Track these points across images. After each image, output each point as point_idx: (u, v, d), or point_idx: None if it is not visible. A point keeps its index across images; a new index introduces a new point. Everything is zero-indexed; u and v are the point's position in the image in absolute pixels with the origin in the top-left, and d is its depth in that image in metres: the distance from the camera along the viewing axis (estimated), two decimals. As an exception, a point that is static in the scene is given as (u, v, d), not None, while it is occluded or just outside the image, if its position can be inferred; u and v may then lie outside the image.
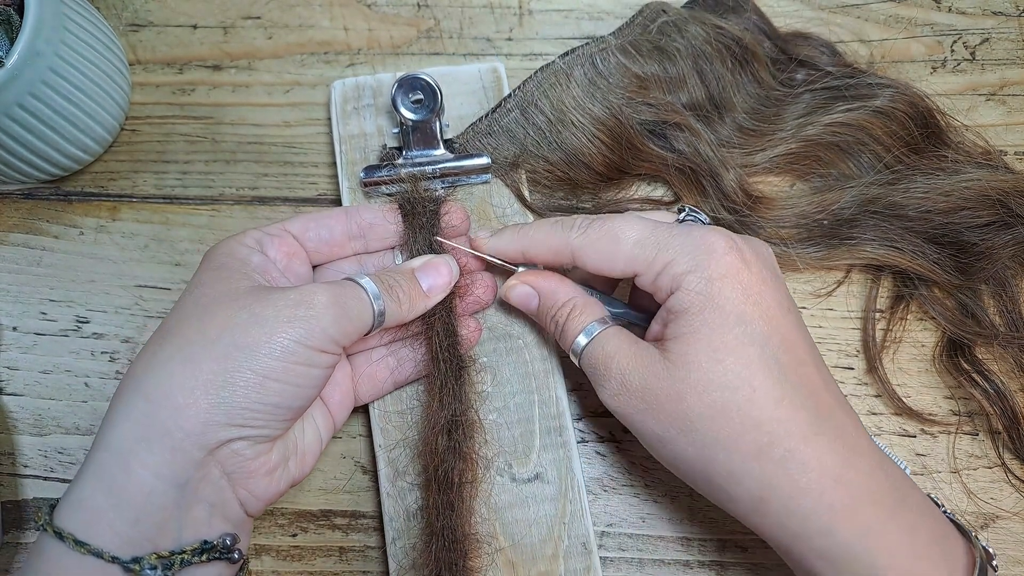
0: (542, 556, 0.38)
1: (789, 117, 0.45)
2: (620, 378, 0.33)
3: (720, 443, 0.31)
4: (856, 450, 0.31)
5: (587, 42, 0.44)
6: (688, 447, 0.32)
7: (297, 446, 0.35)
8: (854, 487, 0.30)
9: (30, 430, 0.42)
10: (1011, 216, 0.42)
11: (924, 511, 0.31)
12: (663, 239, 0.34)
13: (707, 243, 0.33)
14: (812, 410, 0.31)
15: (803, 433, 0.30)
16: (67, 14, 0.41)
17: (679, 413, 0.32)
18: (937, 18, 0.50)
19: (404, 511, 0.38)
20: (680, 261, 0.33)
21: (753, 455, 0.30)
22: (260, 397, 0.31)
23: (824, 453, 0.30)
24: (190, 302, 0.33)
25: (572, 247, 0.36)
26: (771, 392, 0.30)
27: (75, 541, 0.28)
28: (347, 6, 0.51)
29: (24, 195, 0.47)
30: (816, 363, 0.33)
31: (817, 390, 0.31)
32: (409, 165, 0.42)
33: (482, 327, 0.41)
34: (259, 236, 0.36)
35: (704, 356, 0.31)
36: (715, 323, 0.31)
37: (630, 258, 0.34)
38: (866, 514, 0.29)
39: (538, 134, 0.43)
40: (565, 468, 0.39)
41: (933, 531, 0.31)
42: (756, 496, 0.31)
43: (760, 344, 0.31)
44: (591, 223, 0.36)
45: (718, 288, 0.32)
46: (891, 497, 0.30)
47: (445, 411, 0.37)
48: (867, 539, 0.29)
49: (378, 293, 0.35)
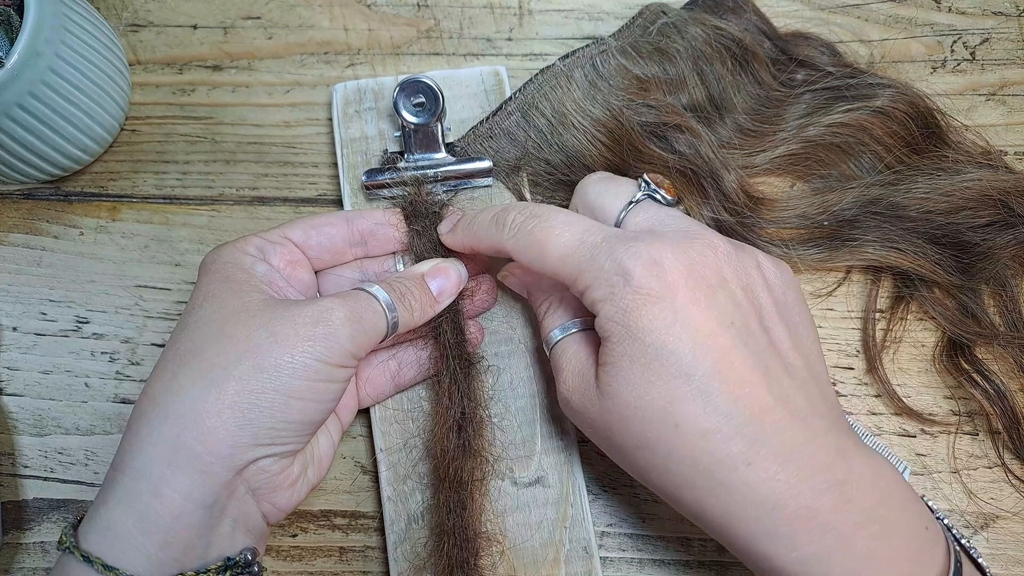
0: (543, 560, 0.38)
1: (790, 118, 0.45)
2: (564, 394, 0.34)
3: (652, 471, 0.31)
4: (807, 471, 0.29)
5: (587, 44, 0.44)
6: (624, 464, 0.33)
7: (314, 454, 0.35)
8: (794, 515, 0.28)
9: (30, 430, 0.42)
10: (1012, 216, 0.42)
11: (892, 531, 0.29)
12: (584, 259, 0.32)
13: (623, 269, 0.30)
14: (748, 436, 0.29)
15: (733, 464, 0.28)
16: (67, 14, 0.41)
17: (609, 441, 0.32)
18: (937, 18, 0.50)
19: (406, 515, 0.38)
20: (597, 288, 0.31)
21: (684, 484, 0.30)
22: (285, 416, 0.31)
23: (758, 483, 0.28)
24: (202, 319, 0.33)
25: (505, 248, 0.35)
26: (697, 426, 0.29)
27: (104, 566, 0.28)
28: (347, 6, 0.51)
29: (24, 195, 0.47)
30: (768, 375, 0.30)
31: (763, 409, 0.29)
32: (411, 169, 0.42)
33: (484, 330, 0.41)
34: (260, 243, 0.36)
35: (626, 389, 0.30)
36: (635, 355, 0.30)
37: (554, 272, 0.33)
38: (807, 541, 0.28)
39: (539, 136, 0.43)
40: (566, 472, 0.39)
41: (896, 554, 0.29)
42: (695, 516, 0.31)
43: (685, 375, 0.29)
44: (523, 222, 0.34)
45: (635, 318, 0.30)
46: (845, 521, 0.28)
47: (455, 408, 0.37)
48: (810, 566, 0.28)
49: (391, 303, 0.35)
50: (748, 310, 0.31)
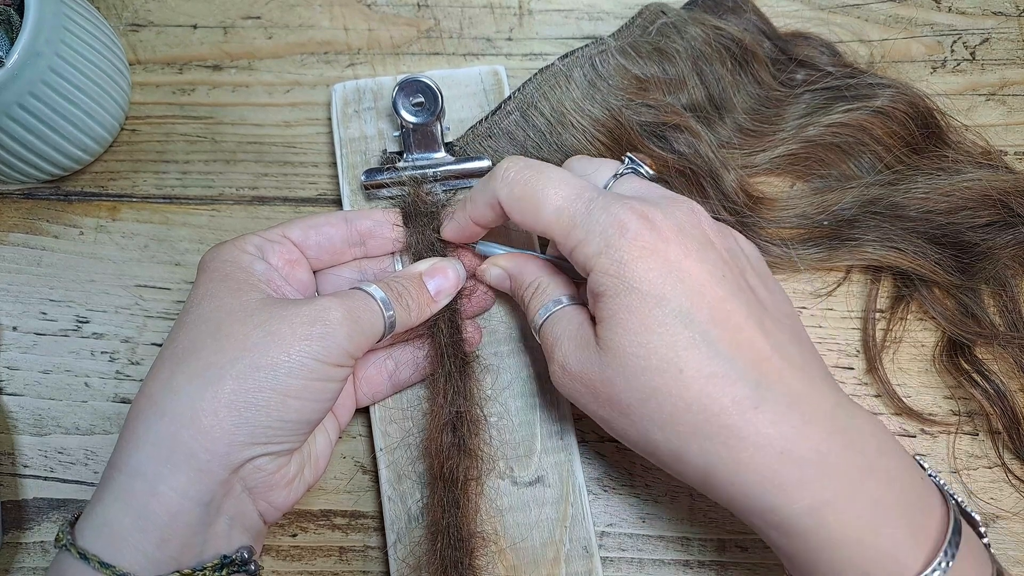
0: (543, 560, 0.38)
1: (789, 117, 0.45)
2: (561, 361, 0.33)
3: (656, 424, 0.30)
4: (810, 416, 0.29)
5: (587, 43, 0.44)
6: (629, 428, 0.31)
7: (311, 453, 0.36)
8: (802, 459, 0.28)
9: (30, 430, 0.42)
10: (1012, 216, 0.42)
11: (893, 479, 0.29)
12: (580, 213, 0.32)
13: (618, 222, 0.31)
14: (752, 380, 0.29)
15: (740, 408, 0.29)
16: (67, 14, 0.41)
17: (613, 397, 0.31)
18: (937, 18, 0.50)
19: (406, 514, 0.38)
20: (591, 241, 0.31)
21: (690, 434, 0.29)
22: (281, 415, 0.31)
23: (766, 426, 0.28)
24: (200, 317, 0.33)
25: (498, 196, 0.34)
26: (700, 370, 0.29)
27: (100, 563, 0.29)
28: (347, 6, 0.51)
29: (24, 195, 0.47)
30: (761, 326, 0.31)
31: (762, 356, 0.30)
32: (410, 168, 0.42)
33: (482, 330, 0.41)
34: (259, 242, 0.36)
35: (627, 340, 0.30)
36: (634, 306, 0.30)
37: (547, 224, 0.33)
38: (817, 488, 0.28)
39: (538, 136, 0.43)
40: (566, 471, 0.39)
41: (901, 500, 0.29)
42: (702, 472, 0.30)
43: (684, 321, 0.30)
44: (517, 173, 0.34)
45: (631, 270, 0.30)
46: (851, 466, 0.28)
47: (450, 407, 0.37)
48: (819, 513, 0.28)
49: (388, 302, 0.35)
50: (734, 268, 0.32)
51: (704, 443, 0.29)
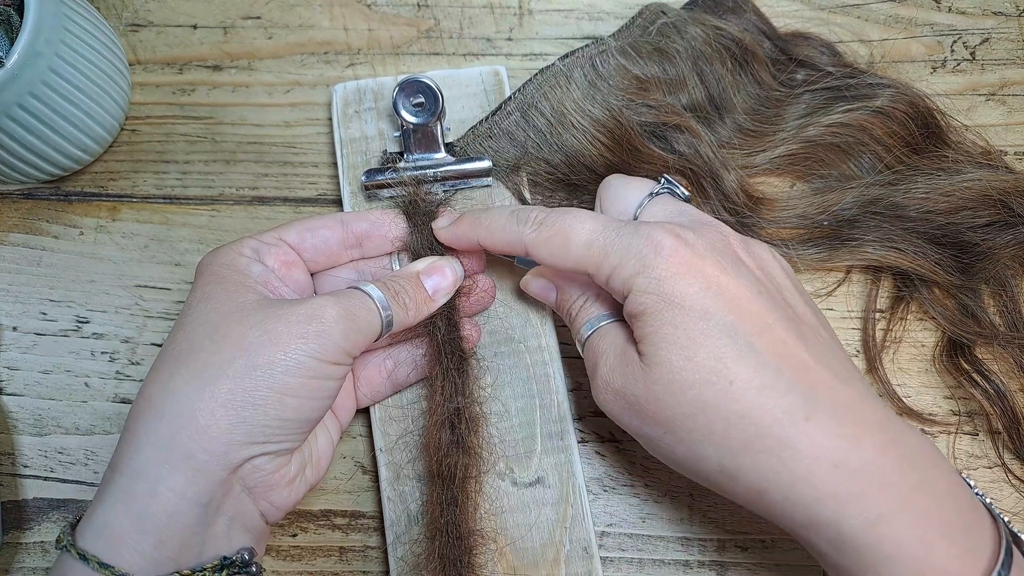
0: (543, 561, 0.38)
1: (789, 118, 0.45)
2: (604, 378, 0.33)
3: (706, 440, 0.30)
4: (862, 428, 0.29)
5: (587, 43, 0.44)
6: (677, 445, 0.31)
7: (312, 453, 0.36)
8: (858, 472, 0.28)
9: (30, 430, 0.42)
10: (1012, 216, 0.42)
11: (946, 494, 0.29)
12: (610, 241, 0.32)
13: (653, 242, 0.31)
14: (801, 392, 0.29)
15: (792, 419, 0.28)
16: (67, 14, 0.41)
17: (659, 414, 0.31)
18: (937, 18, 0.50)
19: (406, 515, 0.38)
20: (627, 264, 0.32)
21: (742, 448, 0.29)
22: (279, 413, 0.31)
23: (820, 437, 0.28)
24: (198, 319, 0.33)
25: (525, 243, 0.35)
26: (750, 381, 0.29)
27: (99, 564, 0.29)
28: (347, 6, 0.51)
29: (24, 195, 0.47)
30: (803, 339, 0.31)
31: (807, 368, 0.30)
32: (411, 169, 0.42)
33: (481, 329, 0.41)
34: (255, 245, 0.36)
35: (673, 355, 0.30)
36: (676, 321, 0.30)
37: (579, 259, 0.33)
38: (871, 501, 0.28)
39: (539, 136, 0.43)
40: (566, 472, 0.39)
41: (953, 517, 0.28)
42: (754, 489, 0.29)
43: (729, 334, 0.30)
44: (545, 218, 0.35)
45: (671, 286, 0.31)
46: (904, 480, 0.28)
47: (448, 404, 0.37)
48: (875, 528, 0.27)
49: (385, 301, 0.35)
50: (769, 285, 0.33)
51: (757, 457, 0.29)
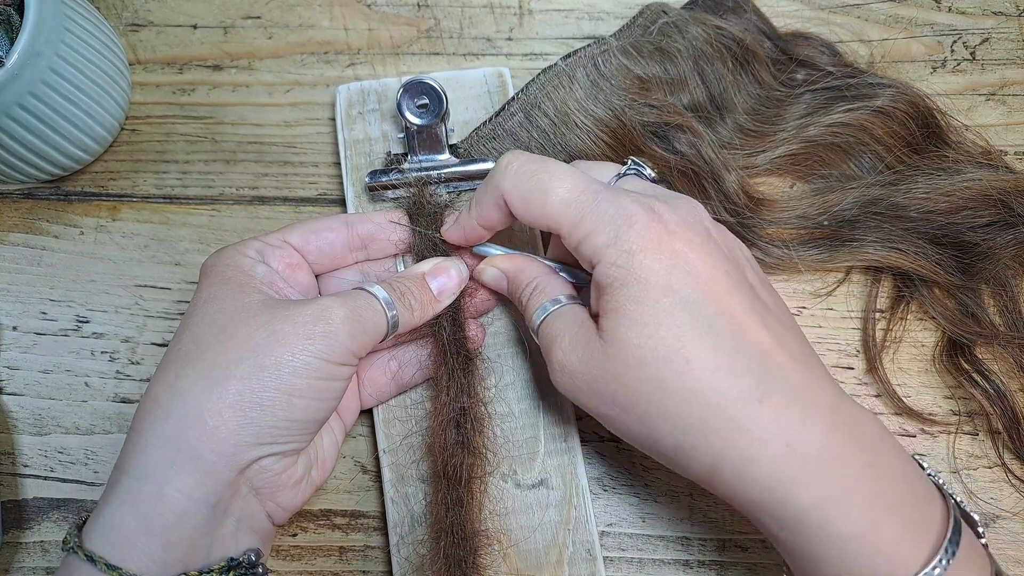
0: (546, 562, 0.38)
1: (790, 118, 0.45)
2: (561, 359, 0.33)
3: (662, 417, 0.30)
4: (814, 410, 0.29)
5: (589, 43, 0.44)
6: (633, 424, 0.31)
7: (318, 454, 0.36)
8: (807, 454, 0.28)
9: (30, 430, 0.42)
10: (1012, 216, 0.42)
11: (895, 474, 0.29)
12: (588, 205, 0.32)
13: (627, 214, 0.31)
14: (756, 374, 0.29)
15: (745, 400, 0.29)
16: (67, 14, 0.41)
17: (617, 392, 0.31)
18: (937, 18, 0.50)
19: (409, 516, 0.38)
20: (600, 232, 0.31)
21: (696, 427, 0.29)
22: (286, 414, 0.31)
23: (770, 419, 0.29)
24: (204, 320, 0.33)
25: (502, 189, 0.34)
26: (707, 361, 0.29)
27: (107, 565, 0.29)
28: (347, 6, 0.51)
29: (24, 195, 0.47)
30: (763, 320, 0.31)
31: (764, 350, 0.30)
32: (415, 170, 0.42)
33: (486, 330, 0.41)
34: (260, 246, 0.36)
35: (634, 332, 0.30)
36: (641, 296, 0.30)
37: (553, 215, 0.33)
38: (821, 483, 0.28)
39: (542, 136, 0.43)
40: (570, 474, 0.39)
41: (902, 497, 0.29)
42: (707, 466, 0.30)
43: (692, 312, 0.30)
44: (523, 165, 0.34)
45: (639, 260, 0.30)
46: (854, 460, 0.29)
47: (454, 404, 0.37)
48: (823, 508, 0.28)
49: (391, 301, 0.35)
50: (734, 264, 0.33)
51: (709, 437, 0.29)
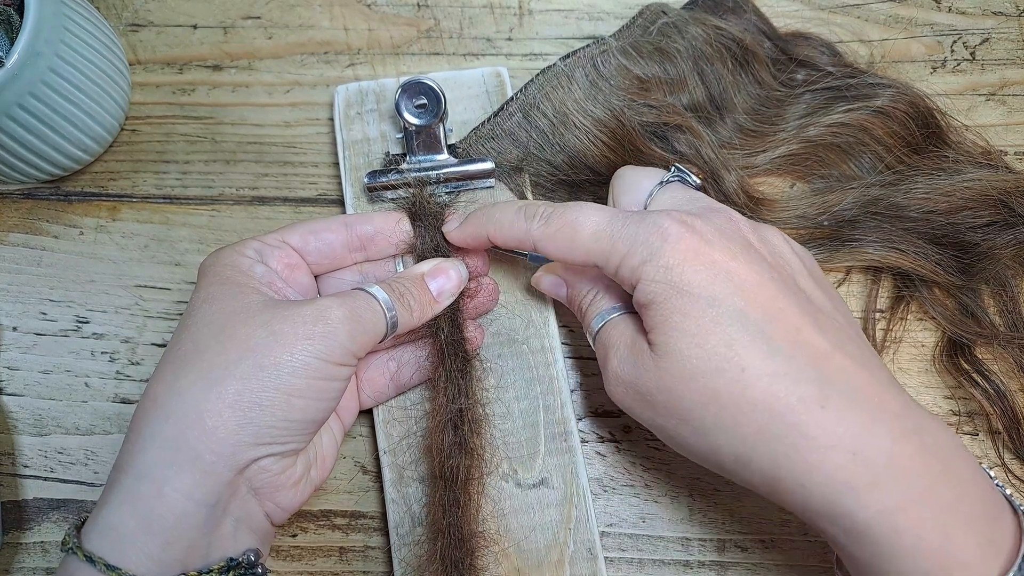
0: (547, 562, 0.38)
1: (790, 118, 0.45)
2: (615, 371, 0.33)
3: (720, 428, 0.29)
4: (880, 416, 0.28)
5: (588, 44, 0.44)
6: (690, 436, 0.31)
7: (317, 454, 0.36)
8: (874, 461, 0.27)
9: (30, 430, 0.42)
10: (1012, 216, 0.42)
11: (967, 484, 0.28)
12: (616, 231, 0.32)
13: (659, 230, 0.31)
14: (816, 379, 0.28)
15: (806, 406, 0.28)
16: (67, 14, 0.41)
17: (672, 404, 0.30)
18: (937, 18, 0.50)
19: (409, 517, 0.38)
20: (635, 252, 0.32)
21: (756, 436, 0.28)
22: (285, 414, 0.31)
23: (835, 424, 0.27)
24: (202, 320, 0.33)
25: (532, 238, 0.35)
26: (762, 368, 0.28)
27: (106, 566, 0.29)
28: (347, 6, 0.51)
29: (24, 195, 0.47)
30: (818, 324, 0.30)
31: (822, 354, 0.29)
32: (413, 170, 0.42)
33: (485, 331, 0.41)
34: (258, 247, 0.36)
35: (684, 343, 0.30)
36: (685, 309, 0.30)
37: (587, 251, 0.33)
38: (889, 491, 0.27)
39: (541, 137, 0.43)
40: (570, 473, 0.39)
41: (974, 509, 0.27)
42: (769, 477, 0.29)
43: (740, 321, 0.29)
44: (552, 212, 0.35)
45: (679, 274, 0.30)
46: (926, 470, 0.27)
47: (451, 406, 0.37)
48: (892, 518, 0.27)
49: (390, 302, 0.35)
50: (781, 270, 0.32)
51: (771, 445, 0.28)
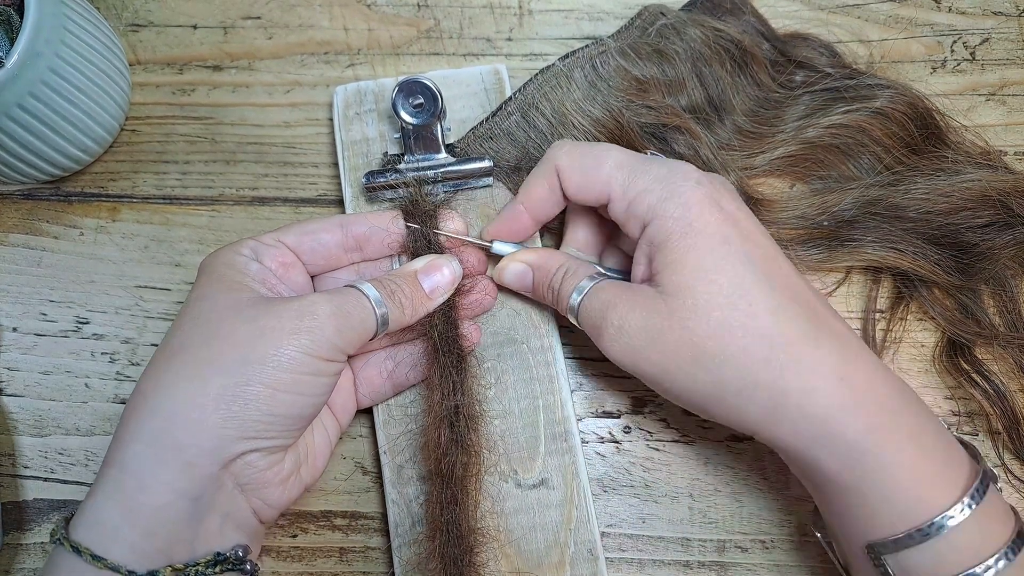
0: (548, 563, 0.38)
1: (789, 119, 0.45)
2: (618, 322, 0.34)
3: (729, 360, 0.32)
4: (857, 353, 0.32)
5: (587, 44, 0.44)
6: (698, 372, 0.32)
7: (308, 452, 0.36)
8: (858, 386, 0.31)
9: (30, 431, 0.42)
10: (1011, 216, 0.42)
11: (928, 416, 0.32)
12: (640, 165, 0.35)
13: (682, 171, 0.34)
14: (808, 319, 0.32)
15: (805, 338, 0.31)
16: (67, 14, 0.41)
17: (685, 340, 0.32)
18: (937, 18, 0.50)
19: (410, 517, 0.38)
20: (654, 189, 0.34)
21: (762, 364, 0.31)
22: (271, 409, 0.31)
23: (826, 355, 0.31)
24: (193, 316, 0.33)
25: (558, 167, 0.37)
26: (767, 304, 0.32)
27: (92, 556, 0.29)
28: (347, 6, 0.51)
29: (24, 195, 0.47)
30: (803, 277, 0.34)
31: (811, 303, 0.33)
32: (411, 170, 0.42)
33: (482, 331, 0.41)
34: (254, 245, 0.36)
35: (698, 279, 0.32)
36: (701, 246, 0.32)
37: (608, 179, 0.35)
38: (872, 411, 0.31)
39: (539, 137, 0.43)
40: (571, 474, 0.39)
41: (937, 435, 0.31)
42: (769, 406, 0.31)
43: (747, 261, 0.32)
44: (576, 143, 0.38)
45: (696, 213, 0.33)
46: (895, 398, 0.31)
47: (447, 402, 0.37)
48: (875, 434, 0.30)
49: (380, 299, 0.35)
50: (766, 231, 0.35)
51: (774, 372, 0.31)
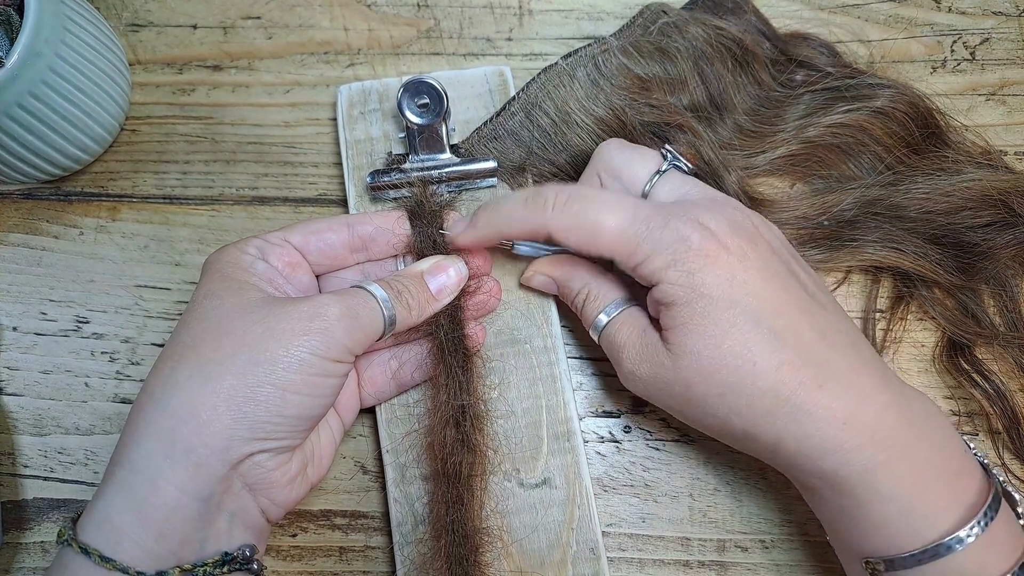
0: (550, 562, 0.38)
1: (789, 118, 0.45)
2: (630, 369, 0.36)
3: (733, 412, 0.33)
4: (865, 394, 0.32)
5: (589, 43, 0.44)
6: (704, 418, 0.34)
7: (314, 452, 0.36)
8: (861, 429, 0.31)
9: (30, 430, 0.42)
10: (1012, 216, 0.42)
11: (940, 448, 0.32)
12: (641, 232, 0.34)
13: (681, 237, 0.34)
14: (814, 363, 0.32)
15: (807, 388, 0.32)
16: (67, 14, 0.41)
17: (689, 396, 0.34)
18: (937, 18, 0.50)
19: (412, 516, 0.38)
20: (657, 256, 0.34)
21: (764, 415, 0.32)
22: (280, 410, 0.31)
23: (830, 401, 0.32)
24: (201, 315, 0.33)
25: (549, 228, 0.36)
26: (771, 361, 0.32)
27: (101, 557, 0.29)
28: (347, 6, 0.51)
29: (24, 195, 0.47)
30: (811, 314, 0.33)
31: (818, 339, 0.33)
32: (415, 170, 0.42)
33: (487, 330, 0.41)
34: (260, 244, 0.36)
35: (702, 343, 0.33)
36: (706, 311, 0.33)
37: (609, 248, 0.35)
38: (872, 452, 0.31)
39: (543, 136, 0.43)
40: (573, 473, 0.39)
41: (945, 469, 0.32)
42: (772, 445, 0.33)
43: (752, 320, 0.33)
44: (567, 200, 0.35)
45: (700, 279, 0.33)
46: (902, 436, 0.32)
47: (453, 402, 0.37)
48: (871, 474, 0.31)
49: (388, 300, 0.35)
50: (781, 258, 0.35)
51: (776, 422, 0.32)
